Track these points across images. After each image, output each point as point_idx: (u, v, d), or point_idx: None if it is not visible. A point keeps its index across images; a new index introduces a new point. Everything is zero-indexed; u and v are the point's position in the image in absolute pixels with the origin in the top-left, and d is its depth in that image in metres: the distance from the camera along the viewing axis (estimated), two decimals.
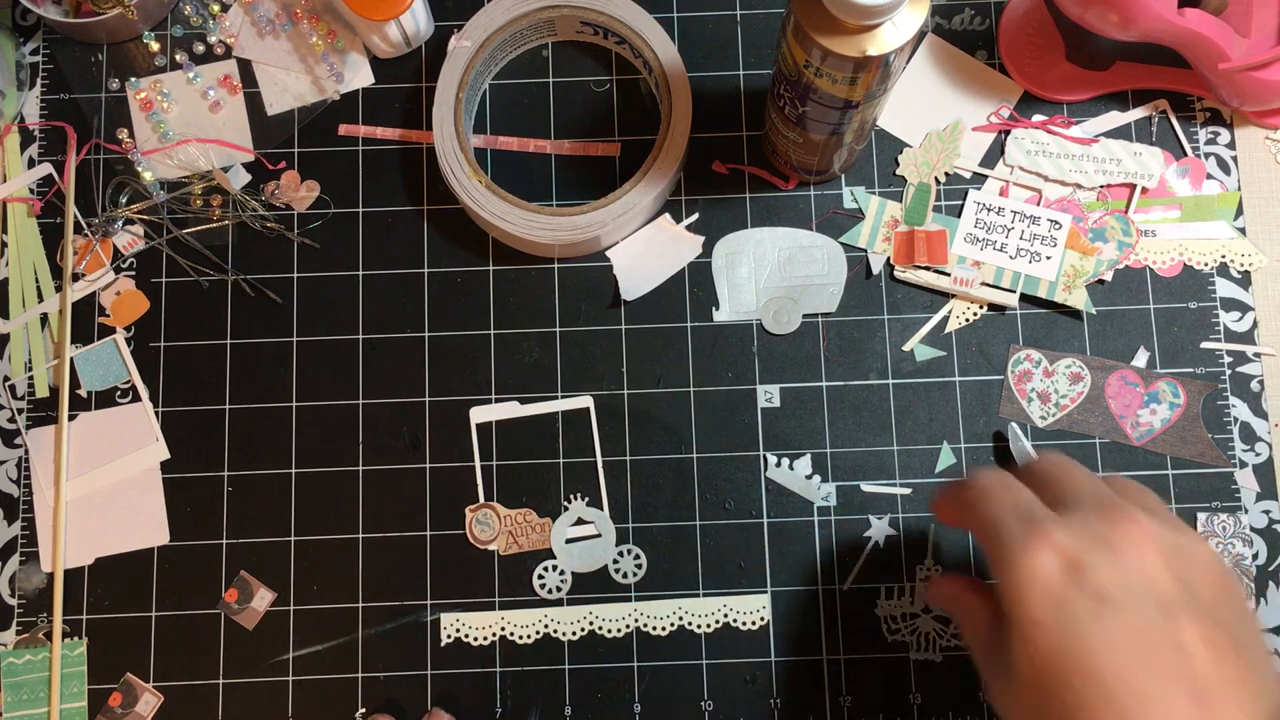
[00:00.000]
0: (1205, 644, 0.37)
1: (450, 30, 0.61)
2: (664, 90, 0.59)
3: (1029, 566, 0.38)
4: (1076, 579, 0.38)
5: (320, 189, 0.61)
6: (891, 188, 0.61)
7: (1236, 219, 0.60)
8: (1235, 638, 0.38)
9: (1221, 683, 0.36)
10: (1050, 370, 0.59)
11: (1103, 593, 0.37)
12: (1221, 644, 0.37)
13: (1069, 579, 0.38)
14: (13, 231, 0.61)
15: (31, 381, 0.59)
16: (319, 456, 0.58)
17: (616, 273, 0.59)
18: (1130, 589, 0.38)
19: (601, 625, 0.57)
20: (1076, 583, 0.38)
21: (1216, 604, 0.38)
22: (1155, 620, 0.37)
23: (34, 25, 0.63)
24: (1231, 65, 0.56)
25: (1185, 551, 0.39)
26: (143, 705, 0.56)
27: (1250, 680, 0.37)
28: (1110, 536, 0.39)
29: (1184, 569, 0.39)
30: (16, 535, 0.58)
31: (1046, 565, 0.38)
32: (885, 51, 0.45)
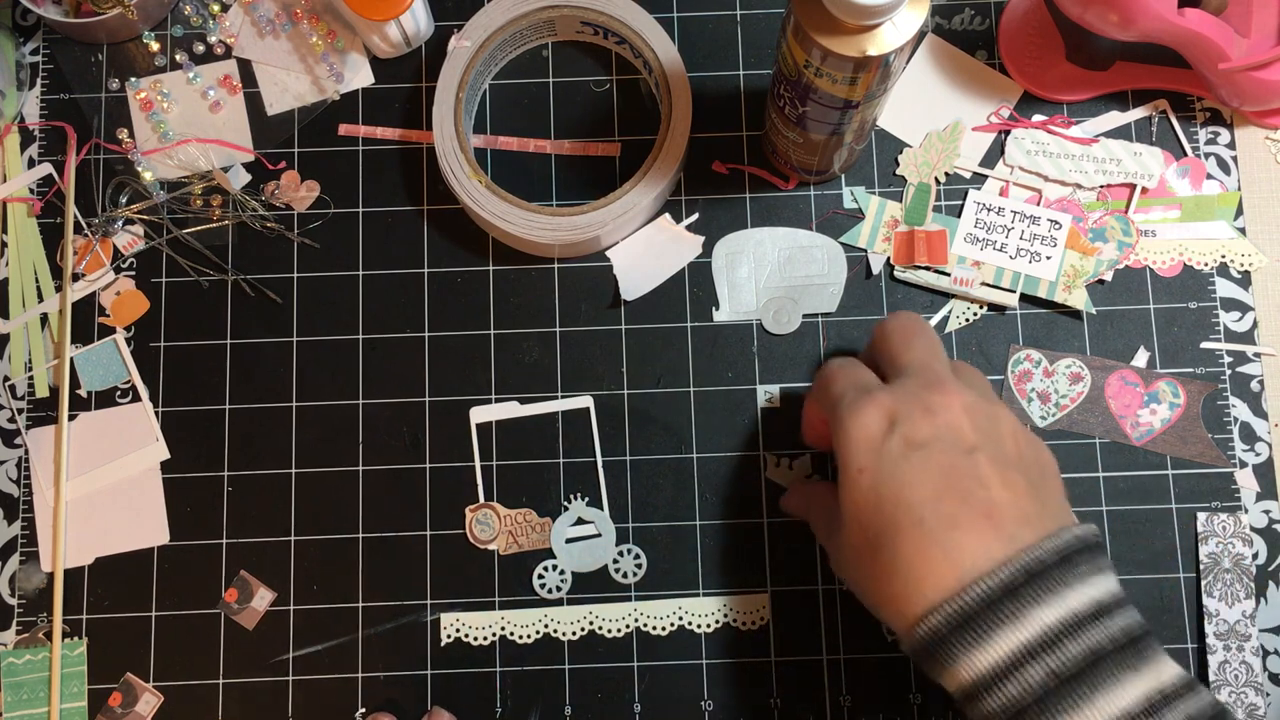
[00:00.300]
0: (1001, 480, 0.43)
1: (450, 30, 0.61)
2: (664, 90, 0.59)
3: (856, 424, 0.44)
4: (893, 430, 0.44)
5: (320, 189, 0.61)
6: (891, 188, 0.61)
7: (1236, 219, 0.60)
8: (1030, 482, 0.43)
9: (1013, 509, 0.42)
10: (1050, 370, 0.59)
11: (914, 439, 0.43)
12: (1016, 482, 0.43)
13: (888, 430, 0.44)
14: (13, 231, 0.61)
15: (31, 381, 0.59)
16: (319, 456, 0.58)
17: (616, 273, 0.59)
18: (938, 436, 0.44)
19: (601, 625, 0.57)
20: (893, 432, 0.44)
21: (1018, 457, 0.44)
22: (958, 458, 0.43)
23: (34, 25, 0.63)
24: (1231, 65, 0.56)
25: (992, 415, 0.45)
26: (143, 705, 0.56)
27: (1042, 512, 0.42)
28: (927, 400, 0.45)
29: (989, 428, 0.44)
30: (16, 535, 0.58)
31: (871, 422, 0.44)
32: (885, 51, 0.45)
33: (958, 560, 0.41)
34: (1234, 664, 0.55)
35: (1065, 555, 0.41)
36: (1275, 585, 0.56)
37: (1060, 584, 0.40)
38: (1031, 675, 0.39)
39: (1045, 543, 0.41)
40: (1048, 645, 0.39)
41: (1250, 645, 0.55)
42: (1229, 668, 0.55)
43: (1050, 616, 0.39)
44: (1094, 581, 0.41)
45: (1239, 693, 0.55)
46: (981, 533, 0.41)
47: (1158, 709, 0.38)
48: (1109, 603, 0.40)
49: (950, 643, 0.40)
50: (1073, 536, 0.42)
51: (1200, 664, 0.56)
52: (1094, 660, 0.39)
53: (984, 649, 0.39)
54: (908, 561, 0.42)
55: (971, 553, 0.41)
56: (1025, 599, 0.40)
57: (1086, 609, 0.40)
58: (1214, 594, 0.56)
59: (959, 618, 0.40)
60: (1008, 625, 0.39)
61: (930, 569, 0.41)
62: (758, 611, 0.57)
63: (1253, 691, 0.55)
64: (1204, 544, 0.57)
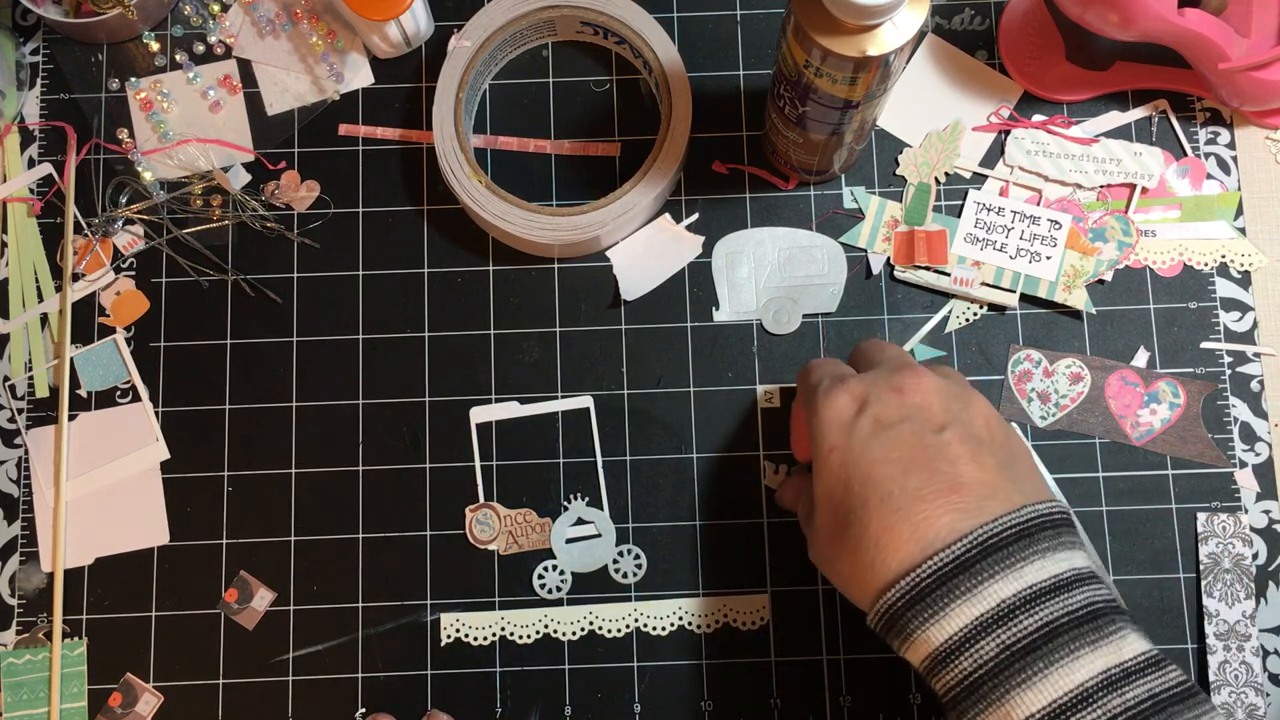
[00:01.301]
0: (970, 457, 0.43)
1: (450, 30, 0.61)
2: (664, 90, 0.59)
3: (828, 406, 0.45)
4: (864, 411, 0.45)
5: (320, 189, 0.61)
6: (891, 188, 0.61)
7: (1236, 219, 0.60)
8: (1001, 463, 0.43)
9: (981, 485, 0.42)
10: (1050, 370, 0.59)
11: (883, 419, 0.44)
12: (986, 461, 0.43)
13: (858, 412, 0.45)
14: (13, 231, 0.61)
15: (31, 381, 0.59)
16: (319, 456, 0.58)
17: (616, 273, 0.59)
18: (908, 416, 0.44)
19: (601, 625, 0.57)
20: (863, 412, 0.45)
21: (989, 438, 0.45)
22: (927, 436, 0.43)
23: (34, 25, 0.63)
24: (1231, 65, 0.56)
25: (964, 398, 0.46)
26: (143, 705, 0.56)
27: (1011, 490, 0.42)
28: (897, 381, 0.45)
29: (959, 409, 0.45)
30: (16, 535, 0.58)
31: (842, 404, 0.45)
32: (885, 51, 0.45)
33: (923, 534, 0.41)
34: (1234, 664, 0.55)
35: (1025, 531, 0.41)
36: (1275, 585, 0.56)
37: (1018, 559, 0.40)
38: (985, 649, 0.39)
39: (1006, 518, 0.41)
40: (1001, 619, 0.39)
41: (1250, 645, 0.55)
42: (1229, 668, 0.55)
43: (1005, 590, 0.39)
44: (1055, 557, 0.40)
45: (1239, 693, 0.55)
46: (948, 507, 0.41)
47: (1115, 684, 0.38)
48: (1069, 578, 0.40)
49: (907, 617, 0.40)
50: (1035, 512, 0.41)
51: (1200, 664, 0.56)
52: (1049, 635, 0.39)
53: (939, 623, 0.40)
54: (874, 537, 0.42)
55: (937, 526, 0.41)
56: (981, 573, 0.40)
57: (1044, 583, 0.40)
58: (1214, 594, 0.56)
59: (915, 592, 0.40)
60: (962, 599, 0.39)
61: (896, 543, 0.41)
62: (758, 612, 0.57)
63: (1253, 692, 0.55)
64: (1204, 544, 0.57)
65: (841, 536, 0.43)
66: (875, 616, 0.42)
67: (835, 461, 0.44)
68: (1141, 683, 0.38)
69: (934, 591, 0.40)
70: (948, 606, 0.40)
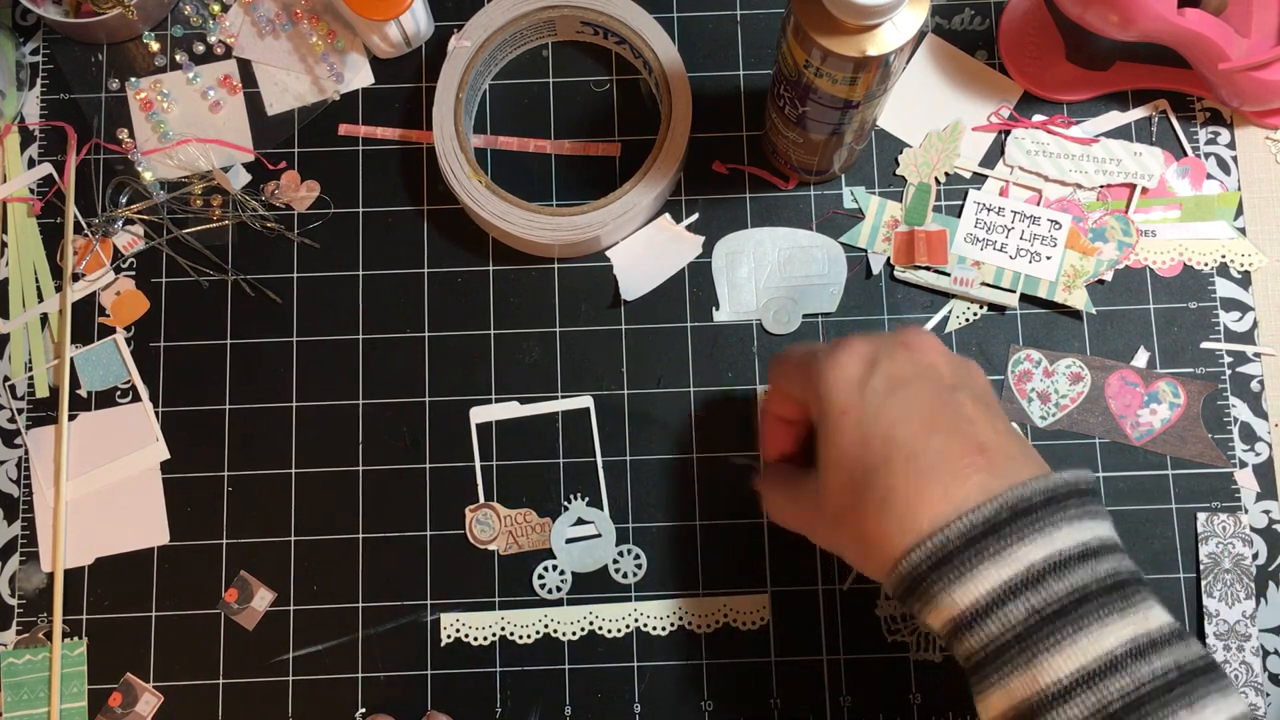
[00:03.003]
0: (985, 420, 0.42)
1: (450, 30, 0.61)
2: (664, 90, 0.59)
3: (834, 368, 0.44)
4: (874, 368, 0.43)
5: (320, 189, 0.61)
6: (891, 188, 0.61)
7: (1236, 219, 0.60)
8: (1006, 425, 0.43)
9: (1002, 447, 0.42)
10: (1050, 370, 0.59)
11: (896, 376, 0.43)
12: (998, 425, 0.43)
13: (868, 370, 0.43)
14: (13, 231, 0.61)
15: (31, 381, 0.59)
16: (319, 456, 0.58)
17: (616, 273, 0.59)
18: (920, 374, 0.43)
19: (601, 625, 0.57)
20: (874, 371, 0.43)
21: (994, 402, 0.45)
22: (942, 394, 0.43)
23: (34, 25, 0.63)
24: (1231, 65, 0.56)
25: (962, 361, 0.46)
26: (143, 705, 0.56)
27: (1027, 455, 0.42)
28: (905, 339, 0.45)
29: (964, 373, 0.45)
30: (16, 535, 0.58)
31: (850, 364, 0.44)
32: (885, 51, 0.45)
33: (955, 494, 0.40)
34: (1234, 664, 0.55)
35: (1053, 496, 0.40)
36: (1275, 585, 0.56)
37: (1047, 524, 0.39)
38: (1013, 612, 0.38)
39: (1033, 482, 0.40)
40: (1031, 583, 0.38)
41: (1250, 645, 0.55)
42: (1229, 668, 0.55)
43: (1035, 555, 0.38)
44: (1082, 525, 0.40)
45: (1239, 693, 0.55)
46: (975, 468, 0.40)
47: (1143, 653, 0.37)
48: (1096, 547, 0.40)
49: (931, 579, 0.39)
50: (1062, 480, 0.41)
51: None
52: (1078, 600, 0.38)
53: (965, 586, 0.39)
54: (902, 496, 0.40)
55: (967, 487, 0.40)
56: (1010, 536, 0.39)
57: (1073, 550, 0.39)
58: (1214, 594, 0.56)
59: (942, 553, 0.39)
60: (990, 562, 0.38)
61: (926, 503, 0.40)
62: (758, 612, 0.57)
63: (1253, 691, 0.55)
64: (1204, 544, 0.57)
65: (862, 499, 0.42)
66: (898, 578, 0.41)
67: (850, 423, 0.42)
68: (1168, 652, 0.38)
69: (962, 553, 0.39)
70: (975, 569, 0.39)
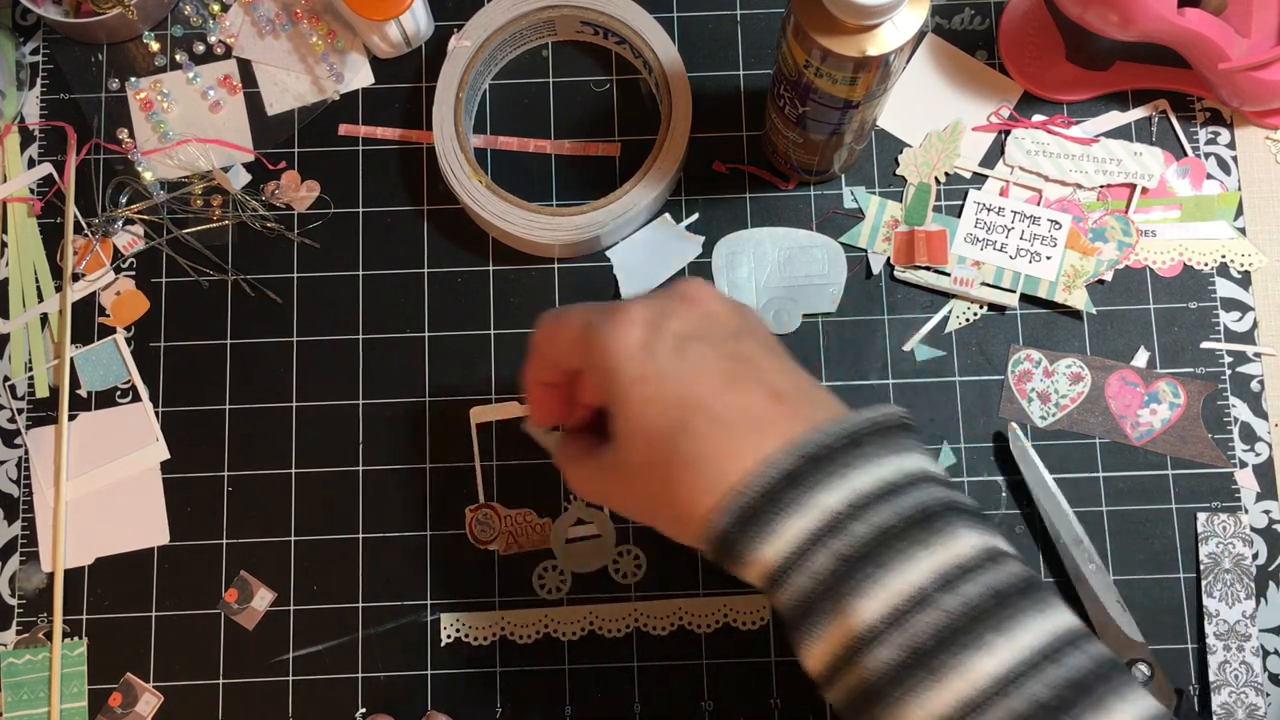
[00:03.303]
0: (775, 366, 0.41)
1: (450, 30, 0.61)
2: (664, 90, 0.59)
3: (616, 337, 0.41)
4: (658, 330, 0.41)
5: (320, 189, 0.61)
6: (891, 188, 0.61)
7: (1236, 219, 0.60)
8: (794, 365, 0.43)
9: (794, 387, 0.41)
10: (1050, 370, 0.59)
11: (682, 333, 0.41)
12: (788, 368, 0.42)
13: (653, 333, 0.41)
14: (13, 231, 0.61)
15: (31, 381, 0.59)
16: (319, 456, 0.58)
17: (616, 273, 0.59)
18: (704, 326, 0.42)
19: (601, 625, 0.57)
20: (659, 333, 0.41)
21: (774, 343, 0.43)
22: (730, 344, 0.41)
23: (34, 25, 0.63)
24: (1231, 65, 0.56)
25: (739, 305, 0.44)
26: (143, 705, 0.56)
27: (827, 396, 0.42)
28: (683, 293, 0.43)
29: (741, 315, 0.43)
30: (16, 535, 0.58)
31: (632, 331, 0.41)
32: (885, 51, 0.45)
33: (759, 446, 0.38)
34: (1234, 664, 0.55)
35: (853, 438, 0.39)
36: (1275, 585, 0.56)
37: (846, 466, 0.38)
38: (818, 561, 0.37)
39: (831, 426, 0.39)
40: (832, 529, 0.37)
41: (1250, 645, 0.55)
42: (1229, 668, 0.55)
43: (834, 500, 0.37)
44: (885, 462, 0.39)
45: (1239, 693, 0.55)
46: (778, 417, 0.39)
47: (953, 583, 0.36)
48: (901, 482, 0.38)
49: (737, 538, 0.38)
50: (862, 419, 0.40)
51: (1200, 664, 0.56)
52: (880, 539, 0.37)
53: (770, 540, 0.38)
54: (709, 459, 0.39)
55: (771, 438, 0.39)
56: (808, 485, 0.38)
57: (874, 489, 0.38)
58: (1214, 594, 0.56)
59: (744, 511, 0.38)
60: (791, 513, 0.37)
61: (733, 462, 0.38)
62: (758, 611, 0.57)
63: (1253, 691, 0.55)
64: (1204, 544, 0.57)
65: (664, 469, 0.40)
66: (708, 543, 0.39)
67: (645, 391, 0.40)
68: (980, 577, 0.37)
69: (763, 509, 0.38)
70: (777, 523, 0.38)
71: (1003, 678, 0.35)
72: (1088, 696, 0.35)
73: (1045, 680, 0.35)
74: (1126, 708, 0.35)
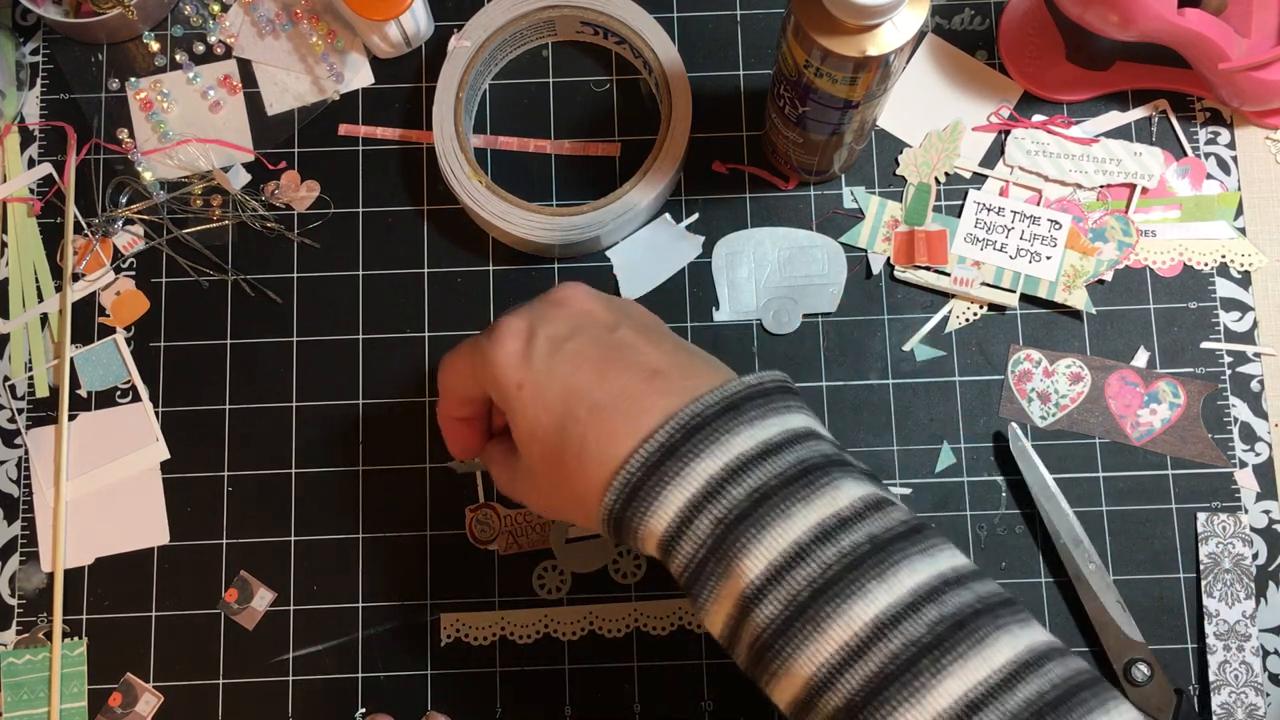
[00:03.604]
0: (652, 345, 0.43)
1: (450, 30, 0.61)
2: (664, 90, 0.59)
3: (496, 350, 0.43)
4: (533, 338, 0.43)
5: (320, 189, 0.61)
6: (891, 188, 0.61)
7: (1236, 219, 0.60)
8: (680, 345, 0.44)
9: (676, 366, 0.42)
10: (1050, 370, 0.59)
11: (556, 335, 0.43)
12: (666, 345, 0.43)
13: (528, 342, 0.43)
14: (13, 231, 0.61)
15: (31, 381, 0.59)
16: (319, 456, 0.58)
17: (616, 273, 0.59)
18: (579, 325, 0.43)
19: (601, 625, 0.57)
20: (534, 339, 0.43)
21: (656, 325, 0.45)
22: (604, 335, 0.43)
23: (34, 25, 0.63)
24: (1231, 65, 0.56)
25: (617, 299, 0.46)
26: (143, 705, 0.56)
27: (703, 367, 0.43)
28: (554, 298, 0.45)
29: (621, 307, 0.45)
30: (16, 535, 0.58)
31: (509, 342, 0.43)
32: (885, 51, 0.45)
33: (640, 424, 0.40)
34: (1234, 664, 0.55)
35: (731, 403, 0.40)
36: (1275, 585, 0.56)
37: (723, 432, 0.39)
38: (701, 528, 0.38)
39: (707, 395, 0.40)
40: (711, 495, 0.38)
41: (1250, 645, 0.55)
42: (1229, 668, 0.55)
43: (712, 466, 0.38)
44: (765, 424, 0.39)
45: (1239, 693, 0.55)
46: (655, 392, 0.40)
47: (831, 535, 0.37)
48: (780, 441, 0.39)
49: (627, 516, 0.39)
50: (740, 384, 0.41)
51: (1200, 664, 0.56)
52: (759, 499, 0.38)
53: (656, 513, 0.39)
54: (594, 443, 0.40)
55: (652, 413, 0.40)
56: (687, 455, 0.38)
57: (751, 451, 0.39)
58: (1214, 594, 0.56)
59: (629, 488, 0.39)
60: (673, 484, 0.38)
61: (615, 443, 0.40)
62: None
63: (1253, 691, 0.55)
64: (1204, 544, 0.57)
65: (559, 463, 0.41)
66: (603, 523, 0.41)
67: (528, 395, 0.42)
68: (859, 527, 0.37)
69: (646, 483, 0.39)
70: (661, 495, 0.38)
71: (881, 621, 0.36)
72: (965, 631, 0.36)
73: (924, 620, 0.36)
74: (1007, 639, 0.36)
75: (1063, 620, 0.56)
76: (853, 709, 0.35)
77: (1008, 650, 0.36)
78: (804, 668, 0.36)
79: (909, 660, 0.35)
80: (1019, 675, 0.35)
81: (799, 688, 0.37)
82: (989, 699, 0.35)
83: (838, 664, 0.36)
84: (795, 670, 0.37)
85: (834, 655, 0.36)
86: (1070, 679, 0.36)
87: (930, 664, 0.35)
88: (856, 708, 0.35)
